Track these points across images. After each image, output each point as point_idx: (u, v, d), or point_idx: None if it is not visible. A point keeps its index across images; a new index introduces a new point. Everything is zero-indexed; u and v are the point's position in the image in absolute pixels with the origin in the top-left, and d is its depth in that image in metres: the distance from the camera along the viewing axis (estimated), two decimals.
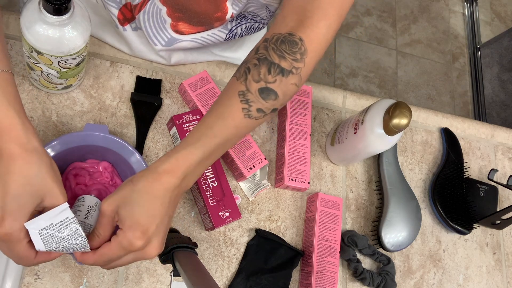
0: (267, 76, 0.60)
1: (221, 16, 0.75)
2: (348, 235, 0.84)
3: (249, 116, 0.61)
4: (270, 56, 0.61)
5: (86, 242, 0.55)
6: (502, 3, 2.67)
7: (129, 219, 0.55)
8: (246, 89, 0.60)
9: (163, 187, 0.56)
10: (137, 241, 0.54)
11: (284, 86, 0.61)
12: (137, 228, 0.54)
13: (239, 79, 0.62)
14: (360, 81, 2.21)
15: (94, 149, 0.71)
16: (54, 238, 0.53)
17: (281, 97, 0.62)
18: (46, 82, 0.74)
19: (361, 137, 0.80)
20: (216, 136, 0.60)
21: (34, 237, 0.52)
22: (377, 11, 2.39)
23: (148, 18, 0.76)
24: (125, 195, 0.56)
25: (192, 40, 0.80)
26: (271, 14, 0.83)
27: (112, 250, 0.55)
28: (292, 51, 0.61)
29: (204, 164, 0.60)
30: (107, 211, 0.56)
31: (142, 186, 0.56)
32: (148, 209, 0.55)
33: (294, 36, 0.61)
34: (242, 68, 0.62)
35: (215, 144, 0.60)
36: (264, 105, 0.61)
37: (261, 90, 0.60)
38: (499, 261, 0.96)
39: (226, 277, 0.79)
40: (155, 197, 0.56)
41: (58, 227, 0.53)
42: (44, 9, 0.60)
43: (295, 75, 0.62)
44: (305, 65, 0.62)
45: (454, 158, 0.97)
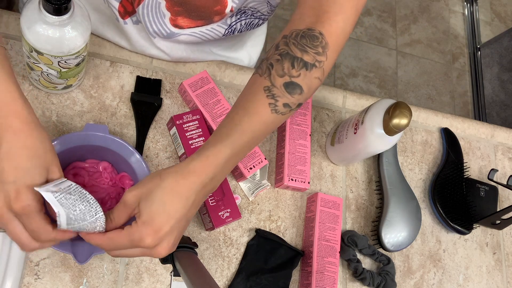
0: (291, 70, 0.60)
1: (220, 10, 0.75)
2: (348, 235, 0.84)
3: (276, 111, 0.60)
4: (292, 51, 0.61)
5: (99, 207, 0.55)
6: (502, 3, 2.67)
7: (146, 214, 0.54)
8: (271, 84, 0.60)
9: (190, 187, 0.56)
10: (148, 238, 0.54)
11: (308, 80, 0.61)
12: (150, 225, 0.54)
13: (262, 75, 0.61)
14: (360, 81, 2.21)
15: (94, 149, 0.71)
16: (68, 200, 0.52)
17: (306, 91, 0.61)
18: (46, 82, 0.74)
19: (361, 137, 0.80)
20: (244, 133, 0.59)
21: (50, 199, 0.51)
22: (377, 11, 2.39)
23: (148, 11, 0.76)
24: (150, 189, 0.55)
25: (191, 34, 0.80)
26: (272, 9, 0.83)
27: (121, 238, 0.55)
28: (313, 45, 0.61)
29: (232, 162, 0.59)
30: (130, 201, 0.55)
31: (168, 184, 0.55)
32: (167, 209, 0.55)
33: (313, 31, 0.61)
34: (264, 65, 0.62)
35: (244, 141, 0.59)
36: (290, 99, 0.61)
37: (286, 85, 0.60)
38: (499, 261, 0.96)
39: (226, 277, 0.79)
40: (179, 197, 0.55)
41: (67, 190, 0.53)
42: (44, 9, 0.60)
43: (318, 69, 0.62)
44: (327, 58, 0.62)
45: (454, 158, 0.97)
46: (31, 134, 0.53)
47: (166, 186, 0.55)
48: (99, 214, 0.55)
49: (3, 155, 0.52)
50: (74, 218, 0.54)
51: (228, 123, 0.60)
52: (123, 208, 0.56)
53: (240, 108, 0.61)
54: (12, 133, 0.53)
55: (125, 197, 0.56)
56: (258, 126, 0.60)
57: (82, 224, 0.55)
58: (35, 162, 0.53)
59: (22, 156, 0.52)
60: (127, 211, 0.56)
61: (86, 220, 0.54)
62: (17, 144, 0.52)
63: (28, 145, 0.53)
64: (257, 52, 1.03)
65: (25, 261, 0.70)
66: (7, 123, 0.53)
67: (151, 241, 0.54)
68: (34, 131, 0.54)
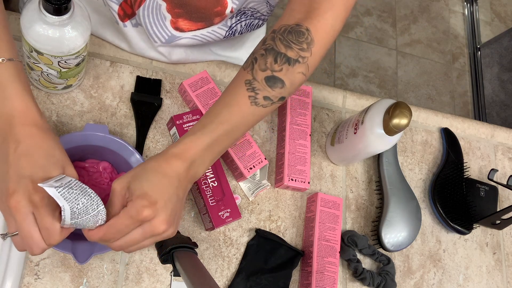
0: (273, 65, 0.62)
1: (221, 11, 0.75)
2: (348, 235, 0.84)
3: (255, 103, 0.63)
4: (276, 46, 0.63)
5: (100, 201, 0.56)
6: (502, 3, 2.67)
7: (138, 190, 0.56)
8: (252, 77, 0.62)
9: (172, 169, 0.58)
10: (144, 209, 0.55)
11: (290, 74, 0.63)
12: (144, 197, 0.56)
13: (246, 68, 0.64)
14: (360, 81, 2.21)
15: (94, 149, 0.71)
16: (71, 194, 0.54)
17: (288, 85, 0.63)
18: (46, 82, 0.74)
19: (361, 137, 0.80)
20: (222, 123, 0.62)
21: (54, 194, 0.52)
22: (377, 11, 2.39)
23: (148, 14, 0.76)
24: (135, 172, 0.58)
25: (192, 38, 0.80)
26: (271, 9, 0.83)
27: (120, 220, 0.56)
28: (298, 41, 0.63)
29: (212, 151, 0.62)
30: (117, 188, 0.57)
31: (152, 166, 0.58)
32: (157, 185, 0.57)
33: (301, 27, 0.63)
34: (249, 59, 0.64)
35: (222, 130, 0.62)
36: (271, 93, 0.63)
37: (267, 79, 0.62)
38: (499, 261, 0.96)
39: (226, 277, 0.79)
40: (164, 175, 0.58)
41: (69, 185, 0.54)
42: (44, 9, 0.60)
43: (301, 64, 0.63)
44: (312, 54, 0.63)
45: (454, 158, 0.97)
46: (45, 138, 0.57)
47: (151, 167, 0.58)
48: (100, 207, 0.56)
49: (21, 154, 0.55)
50: (77, 212, 0.54)
51: (209, 114, 0.63)
52: (113, 197, 0.58)
53: (221, 100, 0.64)
54: (29, 137, 0.56)
55: (112, 186, 0.58)
56: (237, 117, 0.63)
57: (85, 218, 0.55)
58: (51, 160, 0.56)
59: (39, 154, 0.55)
60: (119, 199, 0.58)
61: (88, 213, 0.55)
62: (34, 145, 0.56)
63: (43, 147, 0.56)
64: None
65: (25, 261, 0.70)
66: (26, 130, 0.56)
67: (148, 212, 0.55)
68: (48, 136, 0.58)
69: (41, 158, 0.55)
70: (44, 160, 0.55)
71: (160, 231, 0.57)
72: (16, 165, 0.54)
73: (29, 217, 0.53)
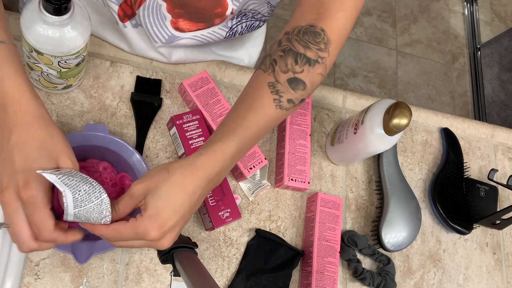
0: (294, 66, 0.61)
1: (221, 12, 0.75)
2: (348, 235, 0.84)
3: (280, 107, 0.61)
4: (295, 47, 0.62)
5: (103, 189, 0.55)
6: (502, 3, 2.67)
7: (153, 208, 0.55)
8: (275, 80, 0.61)
9: (197, 183, 0.56)
10: (153, 232, 0.54)
11: (311, 75, 0.62)
12: (156, 220, 0.54)
13: (266, 71, 0.62)
14: (360, 81, 2.21)
15: (94, 149, 0.71)
16: (72, 181, 0.53)
17: (309, 86, 0.62)
18: (46, 82, 0.74)
19: (361, 137, 0.80)
20: (249, 128, 0.60)
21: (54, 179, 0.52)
22: (377, 11, 2.39)
23: (148, 14, 0.76)
24: (157, 183, 0.56)
25: (192, 38, 0.80)
26: (272, 9, 0.83)
27: (126, 231, 0.55)
28: (316, 41, 0.62)
29: (238, 156, 0.60)
30: (137, 193, 0.56)
31: (175, 179, 0.56)
32: (173, 204, 0.55)
33: (315, 28, 0.62)
34: (267, 61, 0.63)
35: (249, 136, 0.60)
36: (294, 95, 0.62)
37: (290, 81, 0.61)
38: (499, 261, 0.96)
39: (226, 277, 0.79)
40: (186, 193, 0.56)
41: (69, 173, 0.54)
42: (44, 9, 0.60)
43: (321, 65, 0.63)
44: (329, 54, 0.63)
45: (454, 158, 0.97)
46: (39, 127, 0.55)
47: (173, 181, 0.56)
48: (103, 196, 0.55)
49: (13, 146, 0.54)
50: (80, 199, 0.54)
51: (234, 118, 0.61)
52: (129, 199, 0.57)
53: (245, 103, 0.62)
54: (20, 127, 0.54)
55: (132, 189, 0.56)
56: (262, 121, 0.61)
57: (88, 206, 0.54)
58: (43, 152, 0.54)
59: (31, 146, 0.54)
60: (133, 202, 0.57)
61: (91, 201, 0.54)
62: (26, 136, 0.54)
63: (36, 137, 0.54)
64: (257, 52, 1.03)
65: (25, 261, 0.70)
66: (17, 119, 0.54)
67: (156, 235, 0.55)
68: (42, 125, 0.55)
69: (34, 150, 0.54)
70: (37, 152, 0.54)
71: (163, 247, 0.57)
72: (9, 159, 0.53)
73: (18, 212, 0.53)
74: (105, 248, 0.66)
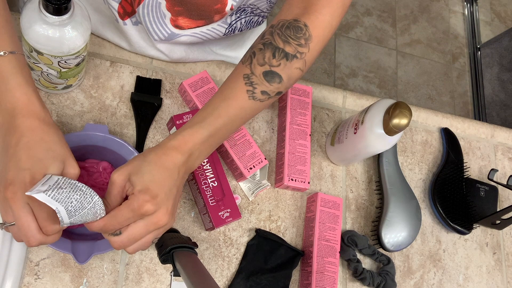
0: (271, 60, 0.63)
1: (220, 8, 0.76)
2: (348, 235, 0.84)
3: (253, 98, 0.64)
4: (275, 41, 0.63)
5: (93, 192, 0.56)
6: (502, 3, 2.67)
7: (140, 184, 0.57)
8: (250, 72, 0.63)
9: (171, 160, 0.59)
10: (147, 204, 0.56)
11: (288, 70, 0.64)
12: (146, 192, 0.56)
13: (244, 63, 0.64)
14: (360, 81, 2.21)
15: (94, 149, 0.71)
16: (62, 194, 0.54)
17: (285, 80, 0.64)
18: (46, 82, 0.74)
19: (361, 137, 0.80)
20: (220, 116, 0.63)
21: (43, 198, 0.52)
22: (377, 11, 2.39)
23: (148, 11, 0.76)
24: (136, 165, 0.59)
25: (192, 35, 0.80)
26: (271, 6, 0.84)
27: (122, 212, 0.56)
28: (296, 36, 0.63)
29: (210, 143, 0.63)
30: (118, 180, 0.58)
31: (151, 158, 0.59)
32: (157, 178, 0.58)
33: (298, 22, 0.64)
34: (248, 53, 0.65)
35: (220, 123, 0.63)
36: (269, 87, 0.64)
37: (265, 73, 0.63)
38: (499, 261, 0.96)
39: (226, 277, 0.79)
40: (164, 168, 0.59)
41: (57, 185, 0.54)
42: (44, 9, 0.60)
43: (299, 60, 0.64)
44: (310, 50, 0.64)
45: (454, 158, 0.97)
46: (47, 131, 0.57)
47: (151, 160, 0.59)
48: (95, 198, 0.56)
49: (21, 146, 0.55)
50: (73, 210, 0.54)
51: (207, 107, 0.64)
52: (113, 189, 0.58)
53: (219, 93, 0.65)
54: (31, 130, 0.56)
55: (112, 178, 0.58)
56: (234, 111, 0.64)
57: (82, 213, 0.55)
58: (50, 154, 0.56)
59: (39, 148, 0.56)
60: (118, 190, 0.58)
61: (84, 208, 0.55)
62: (34, 138, 0.56)
63: (44, 139, 0.56)
64: None
65: (25, 261, 0.70)
66: (27, 122, 0.56)
67: (151, 206, 0.56)
68: (51, 129, 0.58)
69: (41, 152, 0.55)
70: (44, 153, 0.56)
71: (163, 223, 0.58)
72: (16, 158, 0.55)
73: (25, 208, 0.54)
74: (105, 248, 0.66)
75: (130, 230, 0.57)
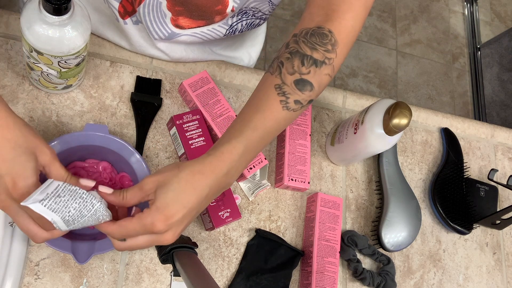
0: (301, 68, 0.62)
1: (221, 9, 0.76)
2: (348, 235, 0.84)
3: (287, 108, 0.62)
4: (301, 49, 0.62)
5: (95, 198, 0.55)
6: (502, 3, 2.67)
7: (161, 201, 0.56)
8: (281, 82, 0.62)
9: (205, 182, 0.57)
10: (159, 223, 0.55)
11: (318, 76, 0.62)
12: (163, 212, 0.55)
13: (273, 73, 0.63)
14: (360, 81, 2.21)
15: (94, 149, 0.71)
16: (59, 203, 0.53)
17: (316, 87, 0.63)
18: (46, 82, 0.74)
19: (361, 137, 0.80)
20: (256, 129, 0.61)
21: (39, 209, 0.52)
22: (377, 11, 2.39)
23: (149, 11, 0.76)
24: (167, 177, 0.57)
25: (192, 35, 0.80)
26: (273, 8, 0.83)
27: (133, 224, 0.56)
28: (323, 42, 0.62)
29: (246, 158, 0.61)
30: (147, 186, 0.57)
31: (185, 175, 0.57)
32: (182, 198, 0.56)
33: (323, 29, 0.63)
34: (274, 63, 0.63)
35: (256, 137, 0.61)
36: (301, 96, 0.62)
37: (296, 82, 0.62)
38: (499, 261, 0.96)
39: (226, 277, 0.79)
40: (194, 189, 0.57)
41: (56, 193, 0.53)
42: (44, 9, 0.60)
43: (328, 66, 0.63)
44: (337, 55, 0.63)
45: (454, 158, 0.97)
46: (7, 126, 0.55)
47: (183, 177, 0.57)
48: (96, 206, 0.55)
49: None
50: (71, 219, 0.54)
51: (241, 120, 0.62)
52: (138, 191, 0.58)
53: (252, 106, 0.62)
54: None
55: (143, 181, 0.57)
56: (270, 122, 0.61)
57: (82, 220, 0.55)
58: (19, 151, 0.54)
59: (5, 148, 0.54)
60: (142, 195, 0.58)
61: (84, 216, 0.54)
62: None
63: (7, 137, 0.54)
64: (256, 51, 1.03)
65: (25, 261, 0.70)
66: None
67: (162, 227, 0.55)
68: (10, 123, 0.55)
69: (9, 152, 0.54)
70: (12, 152, 0.54)
71: (167, 242, 0.58)
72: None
73: (19, 213, 0.54)
74: (105, 248, 0.66)
75: (135, 240, 0.57)
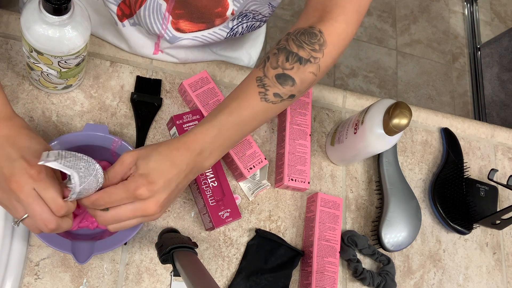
0: (284, 63, 0.64)
1: (221, 12, 0.76)
2: (348, 235, 0.84)
3: (265, 99, 0.64)
4: (289, 46, 0.65)
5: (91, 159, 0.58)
6: (502, 3, 2.67)
7: (143, 169, 0.58)
8: (263, 74, 0.64)
9: (181, 157, 0.60)
10: (142, 188, 0.57)
11: (301, 73, 0.64)
12: (146, 177, 0.57)
13: (258, 66, 0.66)
14: (360, 81, 2.21)
15: (94, 149, 0.71)
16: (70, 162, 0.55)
17: (298, 83, 0.65)
18: (46, 82, 0.74)
19: (361, 137, 0.80)
20: (231, 115, 0.63)
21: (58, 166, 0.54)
22: (377, 11, 2.39)
23: (149, 14, 0.76)
24: (147, 151, 0.60)
25: (193, 39, 0.80)
26: (273, 10, 0.84)
27: (117, 189, 0.58)
28: (311, 41, 0.64)
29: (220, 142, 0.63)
30: (127, 160, 0.59)
31: (162, 150, 0.60)
32: (163, 168, 0.59)
33: (313, 29, 0.65)
34: (262, 58, 0.66)
35: (231, 122, 0.63)
36: (281, 90, 0.64)
37: (278, 76, 0.64)
38: (499, 261, 0.96)
39: (226, 277, 0.79)
40: (173, 162, 0.60)
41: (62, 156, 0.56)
42: (44, 9, 0.60)
43: (313, 64, 0.65)
44: (324, 55, 0.65)
45: (454, 158, 0.97)
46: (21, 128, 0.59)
47: (162, 151, 0.60)
48: (96, 166, 0.58)
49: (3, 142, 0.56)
50: (83, 176, 0.56)
51: (218, 107, 0.65)
52: (119, 166, 0.59)
53: (231, 95, 0.66)
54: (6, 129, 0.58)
55: (123, 156, 0.59)
56: (246, 111, 0.64)
57: (89, 180, 0.57)
58: (35, 141, 0.58)
59: (21, 137, 0.57)
60: (123, 170, 0.59)
61: (90, 174, 0.57)
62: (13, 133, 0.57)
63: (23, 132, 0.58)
64: (256, 52, 1.03)
65: (25, 261, 0.70)
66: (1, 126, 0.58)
67: (145, 191, 0.57)
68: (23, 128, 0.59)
69: (25, 140, 0.57)
70: (28, 141, 0.57)
71: (150, 213, 0.59)
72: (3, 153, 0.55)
73: (33, 193, 0.55)
74: (105, 248, 0.66)
75: (118, 209, 0.58)
